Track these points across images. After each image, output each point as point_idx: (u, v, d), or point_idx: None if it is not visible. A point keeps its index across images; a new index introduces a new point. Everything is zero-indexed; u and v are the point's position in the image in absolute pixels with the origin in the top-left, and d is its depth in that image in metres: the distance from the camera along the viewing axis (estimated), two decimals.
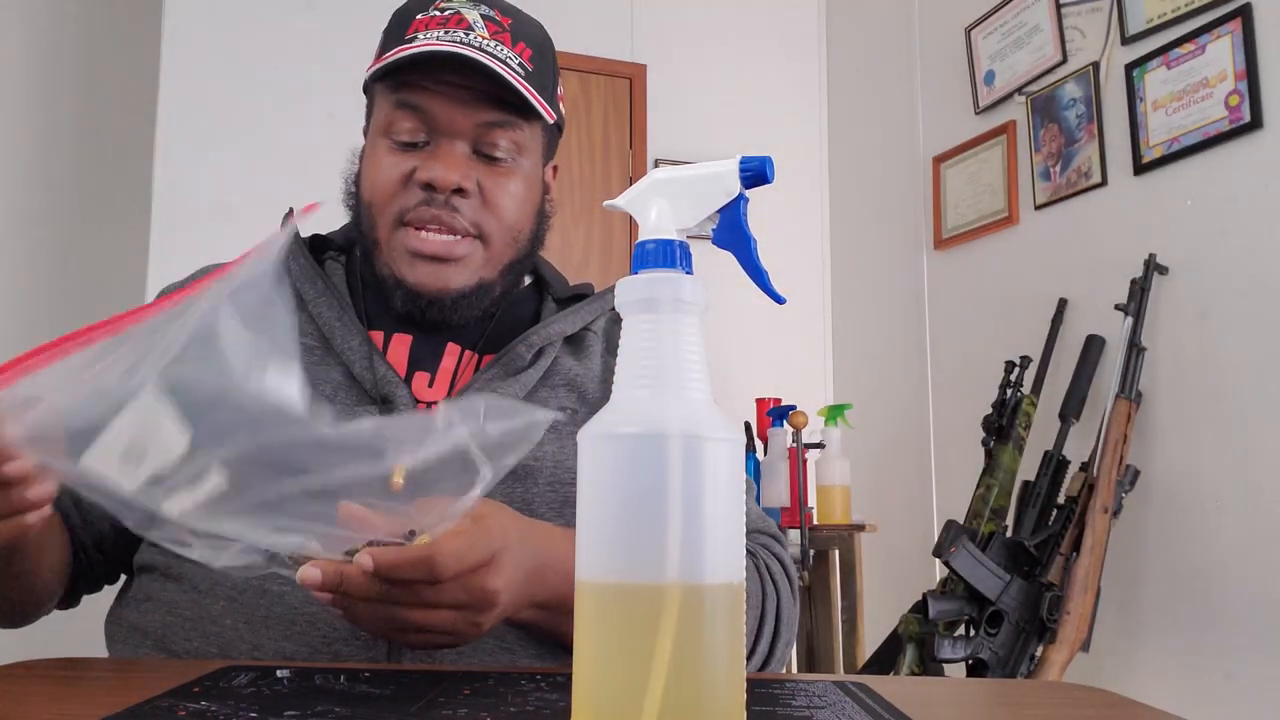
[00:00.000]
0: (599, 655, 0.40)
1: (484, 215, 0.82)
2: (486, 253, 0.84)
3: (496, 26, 0.82)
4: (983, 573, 1.92)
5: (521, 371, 0.83)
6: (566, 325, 0.88)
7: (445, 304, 0.83)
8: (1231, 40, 1.97)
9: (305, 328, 0.83)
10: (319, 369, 0.81)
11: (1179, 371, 2.06)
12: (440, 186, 0.80)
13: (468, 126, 0.81)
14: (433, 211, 0.80)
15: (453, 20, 0.80)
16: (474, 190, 0.81)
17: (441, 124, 0.81)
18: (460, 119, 0.81)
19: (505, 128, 0.82)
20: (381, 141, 0.83)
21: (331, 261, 0.91)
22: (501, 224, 0.84)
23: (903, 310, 3.03)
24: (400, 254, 0.82)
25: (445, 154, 0.81)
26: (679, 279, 0.42)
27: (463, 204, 0.81)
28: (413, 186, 0.81)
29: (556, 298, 0.94)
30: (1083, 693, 0.63)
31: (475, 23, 0.81)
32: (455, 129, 0.81)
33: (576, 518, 0.41)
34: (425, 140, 0.82)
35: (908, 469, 2.92)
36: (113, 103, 3.07)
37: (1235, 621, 1.90)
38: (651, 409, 0.40)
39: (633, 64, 3.27)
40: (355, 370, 0.81)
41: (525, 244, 0.87)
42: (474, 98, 0.80)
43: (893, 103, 3.15)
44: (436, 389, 0.83)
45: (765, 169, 0.43)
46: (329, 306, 0.84)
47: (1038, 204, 2.50)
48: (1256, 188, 1.93)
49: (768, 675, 0.65)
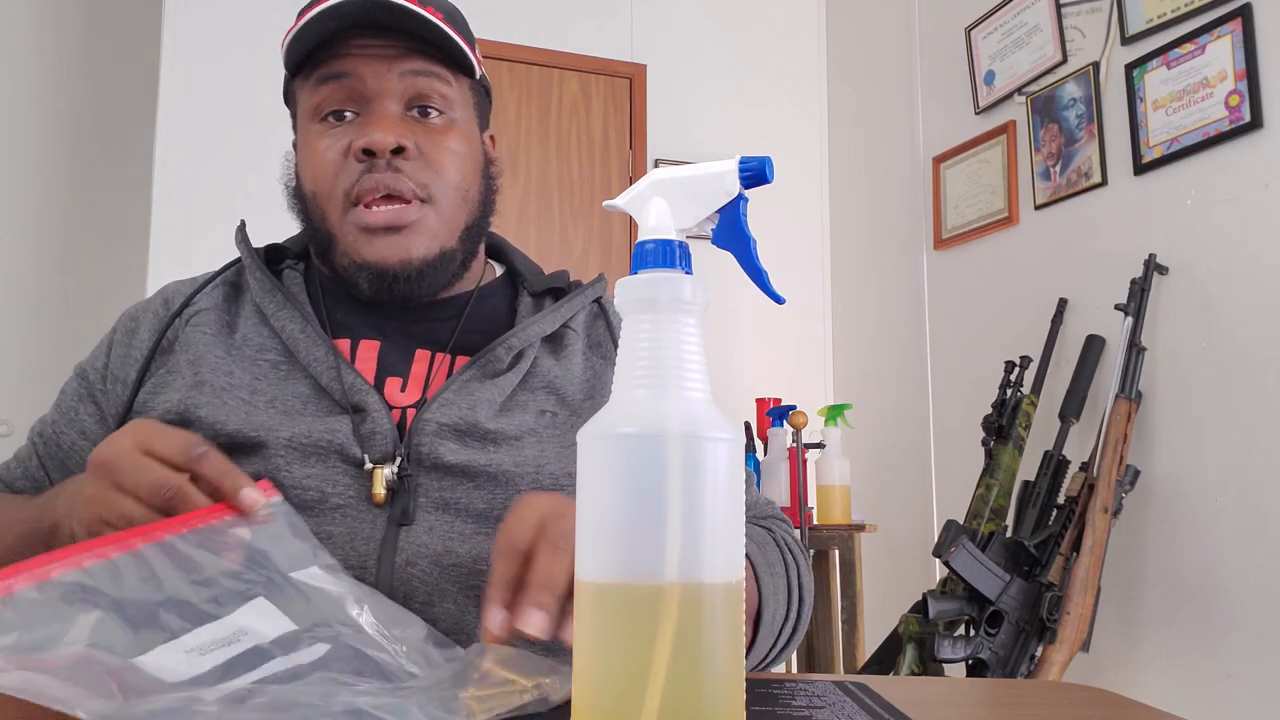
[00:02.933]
0: (599, 655, 0.40)
1: (428, 175, 0.80)
2: (439, 216, 0.81)
3: None
4: (983, 573, 1.92)
5: (500, 375, 0.81)
6: (546, 325, 0.85)
7: (411, 275, 0.80)
8: (1231, 40, 1.97)
9: (268, 343, 0.81)
10: (286, 383, 0.79)
11: (1179, 371, 2.06)
12: (379, 149, 0.77)
13: (394, 83, 0.79)
14: (376, 178, 0.78)
15: None
16: (414, 150, 0.79)
17: (369, 88, 0.79)
18: (385, 76, 0.78)
19: (432, 78, 0.80)
20: (312, 126, 0.81)
21: (290, 270, 0.88)
22: (447, 183, 0.81)
23: (903, 310, 3.03)
24: (354, 235, 0.80)
25: (378, 116, 0.78)
26: (679, 279, 0.41)
27: (405, 164, 0.79)
28: (351, 160, 0.79)
29: (531, 291, 0.91)
30: (1083, 693, 0.62)
31: None
32: (383, 89, 0.79)
33: (576, 518, 0.41)
34: (355, 111, 0.80)
35: (908, 469, 2.92)
36: (113, 103, 3.07)
37: (1235, 621, 1.90)
38: (651, 409, 0.40)
39: (633, 64, 3.27)
40: (323, 381, 0.78)
41: (476, 205, 0.85)
42: (395, 55, 0.79)
43: (893, 103, 3.15)
44: (409, 393, 0.80)
45: (765, 169, 0.43)
46: (290, 319, 0.81)
47: (1038, 204, 2.50)
48: (1256, 188, 1.93)
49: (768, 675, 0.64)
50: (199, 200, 2.68)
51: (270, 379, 0.79)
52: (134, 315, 0.87)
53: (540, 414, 0.81)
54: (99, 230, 3.01)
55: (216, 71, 2.76)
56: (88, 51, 3.08)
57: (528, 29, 3.13)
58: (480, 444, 0.77)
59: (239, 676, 0.50)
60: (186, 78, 2.73)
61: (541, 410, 0.81)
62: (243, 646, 0.52)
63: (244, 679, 0.50)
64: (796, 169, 3.43)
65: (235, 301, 0.86)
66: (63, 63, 3.05)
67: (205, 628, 0.52)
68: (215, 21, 2.78)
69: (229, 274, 0.88)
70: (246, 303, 0.85)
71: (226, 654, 0.51)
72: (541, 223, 3.12)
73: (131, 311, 0.88)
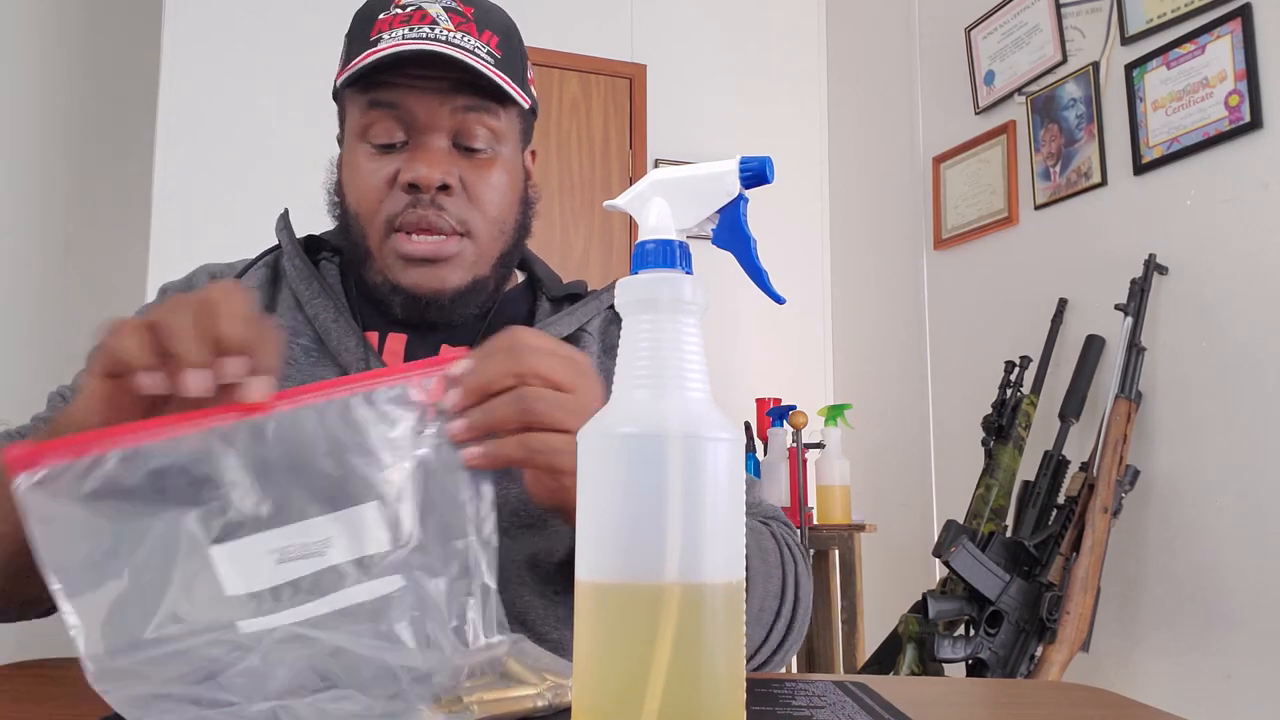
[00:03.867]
0: (599, 655, 0.40)
1: (470, 211, 0.82)
2: (476, 249, 0.84)
3: (460, 18, 0.81)
4: (982, 573, 1.92)
5: None
6: (562, 327, 0.88)
7: (444, 304, 0.83)
8: (1231, 40, 1.97)
9: (301, 329, 0.84)
10: (315, 369, 0.82)
11: (1179, 371, 2.06)
12: (424, 186, 0.80)
13: (444, 118, 0.81)
14: (419, 213, 0.80)
15: (415, 16, 0.80)
16: (458, 186, 0.81)
17: (419, 120, 0.81)
18: (436, 112, 0.81)
19: (481, 113, 0.82)
20: (359, 146, 0.83)
21: (326, 262, 0.91)
22: (487, 218, 0.84)
23: (903, 310, 3.04)
24: (392, 260, 0.82)
25: (425, 151, 0.80)
26: (679, 279, 0.41)
27: (448, 202, 0.81)
28: (397, 190, 0.81)
29: (550, 296, 0.94)
30: (1083, 693, 0.62)
31: (439, 16, 0.80)
32: (432, 124, 0.81)
33: (576, 518, 0.42)
34: (404, 140, 0.81)
35: (908, 469, 2.92)
36: (113, 103, 3.07)
37: (1235, 621, 1.90)
38: (651, 409, 0.40)
39: (633, 64, 3.27)
40: (351, 370, 0.81)
41: (511, 234, 0.88)
42: (447, 89, 0.80)
43: (893, 103, 3.15)
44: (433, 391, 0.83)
45: (765, 169, 0.43)
46: (324, 307, 0.84)
47: (1038, 204, 2.50)
48: (1256, 188, 1.93)
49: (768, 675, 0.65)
50: (199, 200, 2.68)
51: (300, 364, 0.82)
52: (184, 288, 0.89)
53: None
54: (99, 230, 3.01)
55: (216, 71, 2.76)
56: (88, 51, 3.08)
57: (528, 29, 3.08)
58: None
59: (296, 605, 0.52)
60: (186, 78, 2.73)
61: None
62: (323, 564, 0.54)
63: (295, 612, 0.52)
64: (796, 169, 3.43)
65: (273, 285, 0.89)
66: (63, 63, 3.05)
67: (296, 526, 0.54)
68: (215, 21, 2.78)
69: (268, 259, 0.91)
70: (283, 288, 0.88)
71: (301, 569, 0.53)
72: (542, 223, 3.11)
73: (179, 284, 0.90)
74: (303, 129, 2.81)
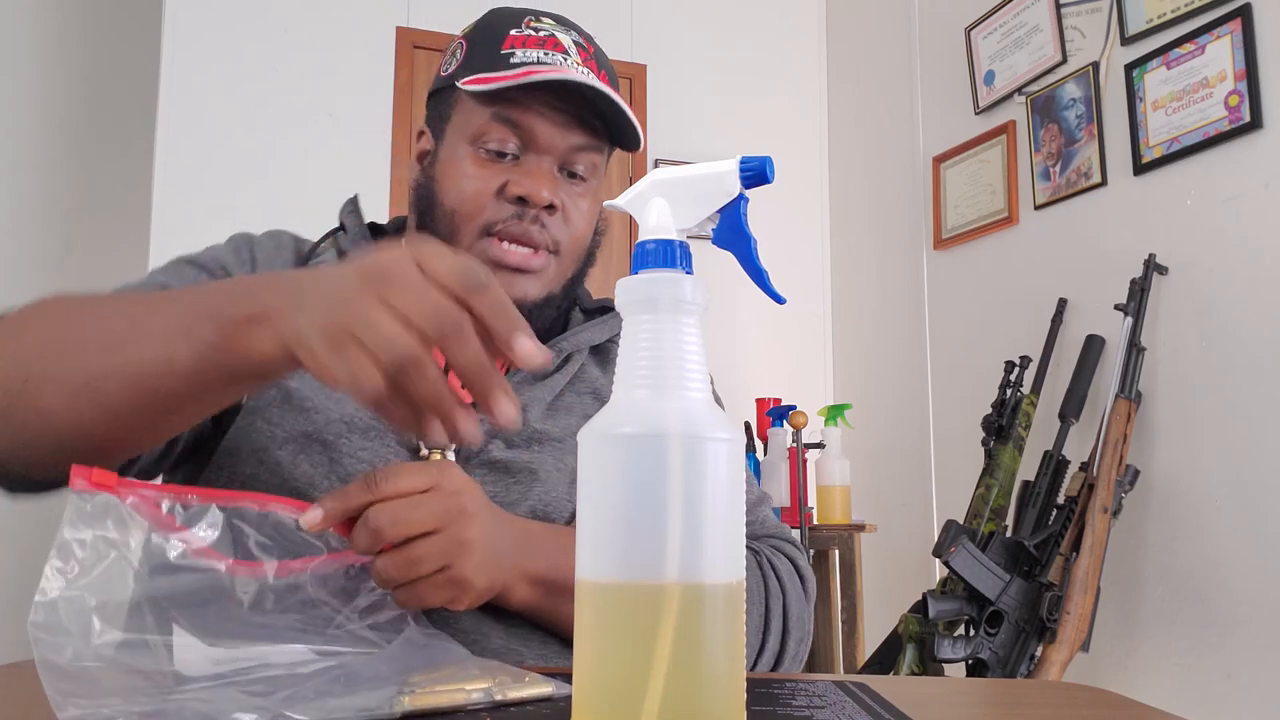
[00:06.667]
0: (599, 655, 0.40)
1: (563, 232, 0.85)
2: (559, 268, 0.86)
3: (585, 53, 0.84)
4: (982, 573, 1.92)
5: (548, 376, 0.86)
6: (595, 334, 0.91)
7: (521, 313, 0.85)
8: (1231, 40, 1.97)
9: None
10: None
11: (1179, 371, 2.06)
12: (535, 202, 0.82)
13: (561, 146, 0.84)
14: (523, 226, 0.82)
15: (549, 43, 0.83)
16: (559, 208, 0.84)
17: (539, 142, 0.83)
18: (558, 139, 0.83)
19: (593, 151, 0.85)
20: (468, 149, 0.84)
21: None
22: (576, 241, 0.87)
23: (903, 310, 3.04)
24: (481, 261, 0.82)
25: (538, 170, 0.83)
26: (679, 279, 0.42)
27: (550, 221, 0.83)
28: (502, 199, 0.82)
29: (584, 308, 0.97)
30: (1083, 693, 0.62)
31: (570, 48, 0.83)
32: (550, 148, 0.83)
33: (576, 518, 0.42)
34: (515, 154, 0.83)
35: (908, 469, 2.92)
36: (113, 103, 3.07)
37: (1235, 621, 1.90)
38: (651, 409, 0.40)
39: (633, 64, 3.26)
40: None
41: (585, 259, 0.90)
42: (571, 120, 0.83)
43: (893, 103, 3.15)
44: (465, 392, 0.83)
45: (765, 169, 0.43)
46: None
47: (1037, 204, 2.50)
48: (1256, 188, 1.93)
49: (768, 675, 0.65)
50: (199, 200, 2.68)
51: None
52: (270, 237, 0.89)
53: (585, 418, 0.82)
54: (99, 230, 3.01)
55: (216, 71, 2.76)
56: (88, 51, 3.08)
57: None
58: (525, 443, 0.82)
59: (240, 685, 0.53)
60: (186, 78, 2.73)
61: (586, 414, 0.85)
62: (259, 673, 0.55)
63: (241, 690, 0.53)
64: (796, 169, 3.43)
65: None
66: (63, 63, 3.06)
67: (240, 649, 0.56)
68: (215, 21, 2.78)
69: (329, 241, 0.92)
70: None
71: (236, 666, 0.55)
72: None
73: (261, 237, 0.90)
74: (303, 128, 2.81)
